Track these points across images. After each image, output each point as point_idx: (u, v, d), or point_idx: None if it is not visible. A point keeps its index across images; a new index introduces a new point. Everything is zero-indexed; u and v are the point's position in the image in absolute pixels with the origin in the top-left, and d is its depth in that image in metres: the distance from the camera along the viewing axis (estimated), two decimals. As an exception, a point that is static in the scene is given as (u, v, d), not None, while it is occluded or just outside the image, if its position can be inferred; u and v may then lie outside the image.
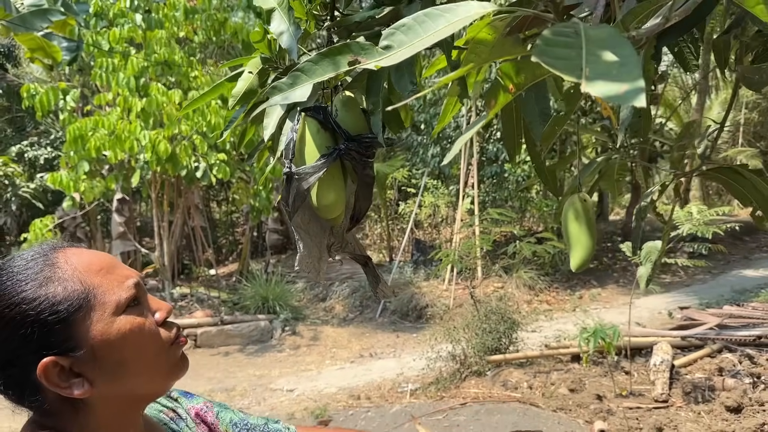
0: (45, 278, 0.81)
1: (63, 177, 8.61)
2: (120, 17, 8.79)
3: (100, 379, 0.82)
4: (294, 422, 5.33)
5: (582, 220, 1.94)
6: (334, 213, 1.53)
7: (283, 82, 0.89)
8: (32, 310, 0.79)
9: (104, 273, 0.86)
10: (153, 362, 0.87)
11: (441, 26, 0.86)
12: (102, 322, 0.82)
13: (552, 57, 0.64)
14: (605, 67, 0.62)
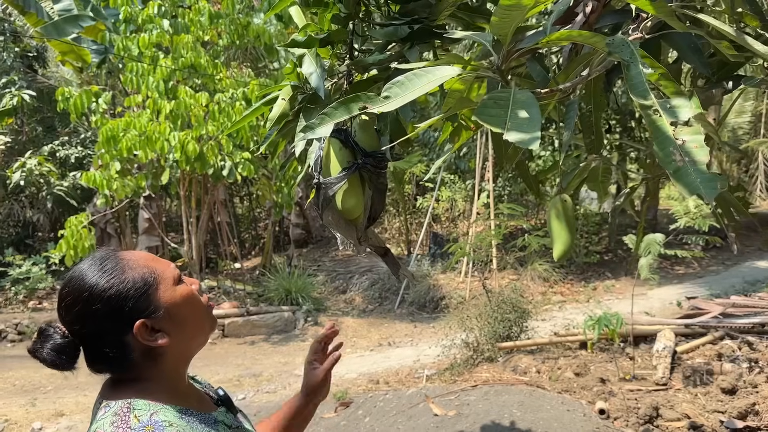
0: (122, 269, 1.14)
1: (96, 176, 9.08)
2: (148, 23, 9.22)
3: (173, 331, 1.15)
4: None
5: (562, 218, 2.32)
6: (354, 214, 1.93)
7: (313, 122, 1.26)
8: (122, 291, 1.11)
9: (156, 261, 1.19)
10: (201, 318, 1.22)
11: (424, 83, 1.22)
12: (168, 291, 1.15)
13: (486, 115, 1.00)
14: (519, 123, 0.97)
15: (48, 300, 12.22)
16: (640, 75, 0.98)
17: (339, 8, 1.98)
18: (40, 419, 6.12)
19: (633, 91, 0.97)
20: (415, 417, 4.52)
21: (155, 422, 1.04)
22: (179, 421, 1.08)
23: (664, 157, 0.90)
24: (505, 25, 1.06)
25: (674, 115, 0.93)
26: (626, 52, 1.02)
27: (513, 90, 1.05)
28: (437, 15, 1.85)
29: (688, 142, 0.90)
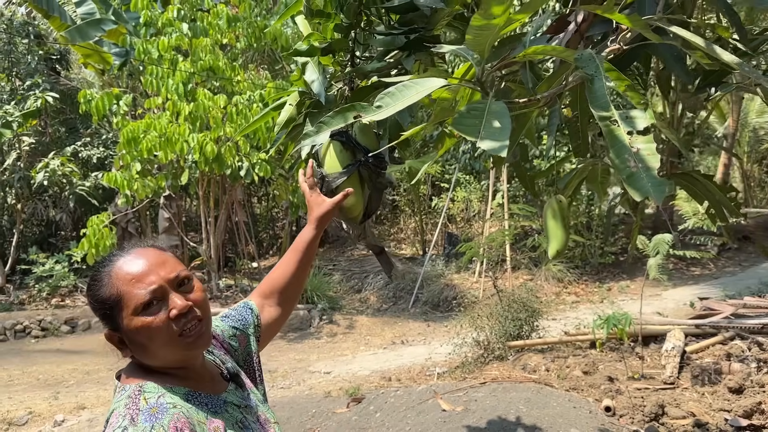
0: (103, 283, 1.24)
1: (118, 176, 9.30)
2: (168, 26, 9.43)
3: (136, 350, 1.23)
4: (330, 400, 5.86)
5: (558, 218, 2.42)
6: (354, 213, 2.04)
7: (312, 130, 1.37)
8: (95, 302, 1.25)
9: (134, 282, 1.21)
10: (164, 346, 1.21)
11: (413, 93, 1.33)
12: (126, 318, 1.20)
13: (462, 125, 1.10)
14: (492, 131, 1.07)
15: (70, 297, 12.50)
16: (602, 88, 1.08)
17: (341, 18, 2.09)
18: (62, 412, 6.32)
19: (594, 103, 1.06)
20: (424, 412, 4.62)
21: (161, 404, 1.15)
22: (184, 403, 1.19)
23: (619, 163, 0.99)
24: (479, 43, 1.16)
25: (632, 125, 1.03)
26: (591, 66, 1.12)
27: (489, 101, 1.15)
28: (434, 25, 1.96)
29: (642, 149, 0.99)
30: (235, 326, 1.53)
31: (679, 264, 12.11)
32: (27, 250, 13.91)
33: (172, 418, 1.13)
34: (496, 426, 4.05)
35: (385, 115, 1.32)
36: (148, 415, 1.13)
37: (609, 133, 1.02)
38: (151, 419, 1.12)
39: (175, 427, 1.12)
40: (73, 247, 11.91)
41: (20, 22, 14.13)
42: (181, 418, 1.14)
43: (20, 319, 10.42)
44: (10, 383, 7.67)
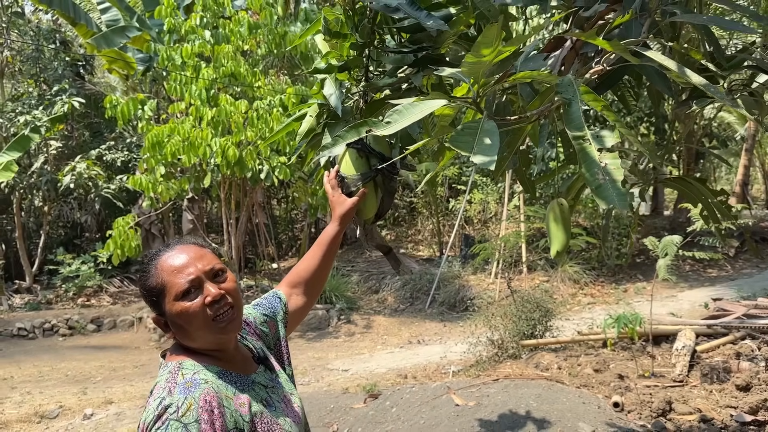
0: (150, 274, 1.43)
1: (142, 179, 9.59)
2: (191, 33, 9.70)
3: (177, 332, 1.42)
4: (347, 396, 6.06)
5: (559, 220, 2.59)
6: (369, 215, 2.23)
7: (329, 142, 1.57)
8: (144, 291, 1.46)
9: (175, 273, 1.40)
10: (200, 329, 1.39)
11: (419, 111, 1.51)
12: (169, 304, 1.39)
13: (458, 141, 1.28)
14: (484, 148, 1.26)
15: (95, 297, 12.87)
16: (578, 111, 1.25)
17: (356, 38, 2.29)
18: (91, 406, 6.59)
19: (569, 124, 1.24)
20: (438, 407, 4.80)
21: (194, 380, 1.34)
22: (215, 380, 1.37)
23: (590, 176, 1.16)
24: (474, 72, 1.34)
25: (601, 143, 1.20)
26: (569, 91, 1.29)
27: (482, 120, 1.33)
28: (440, 44, 2.15)
29: (609, 164, 1.16)
30: (265, 313, 1.72)
31: (696, 266, 12.15)
32: (53, 251, 14.32)
33: (202, 392, 1.30)
34: (506, 419, 4.21)
35: (393, 130, 1.51)
36: (183, 388, 1.31)
37: (581, 150, 1.19)
38: (185, 392, 1.30)
39: (205, 399, 1.29)
40: (98, 248, 12.27)
41: (47, 29, 14.55)
42: (211, 392, 1.31)
43: (48, 318, 10.78)
44: (41, 379, 7.98)
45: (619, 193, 1.14)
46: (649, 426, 4.31)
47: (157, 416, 1.27)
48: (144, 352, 9.37)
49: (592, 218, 12.48)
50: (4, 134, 13.30)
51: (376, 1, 2.08)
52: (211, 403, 1.29)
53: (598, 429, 4.05)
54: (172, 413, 1.26)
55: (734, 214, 11.14)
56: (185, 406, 1.27)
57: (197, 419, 1.26)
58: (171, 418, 1.26)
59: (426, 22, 2.01)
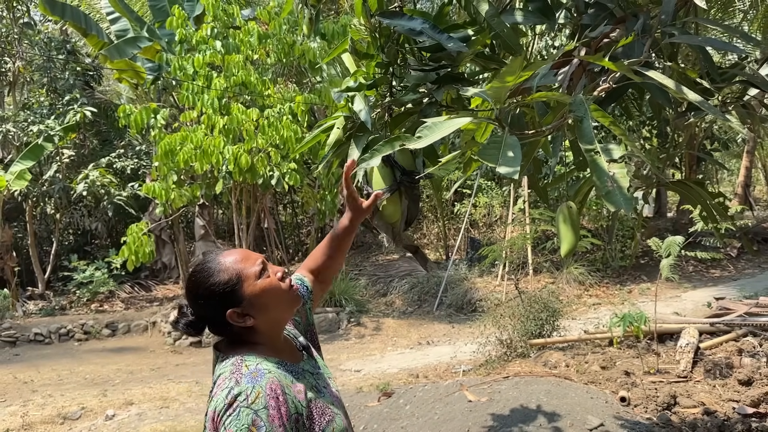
0: (217, 271, 1.54)
1: (156, 186, 9.81)
2: (202, 43, 9.93)
3: (258, 314, 1.53)
4: (361, 395, 6.25)
5: (568, 222, 2.79)
6: (393, 219, 2.45)
7: (366, 156, 1.77)
8: (217, 288, 1.52)
9: (244, 260, 1.55)
10: (281, 301, 1.56)
11: (446, 127, 1.72)
12: (250, 286, 1.52)
13: (485, 154, 1.48)
14: (507, 160, 1.46)
15: (108, 302, 13.09)
16: (589, 127, 1.45)
17: (381, 57, 2.50)
18: (112, 407, 6.79)
19: (582, 139, 1.44)
20: (451, 403, 4.99)
21: (259, 369, 1.47)
22: (276, 370, 1.51)
23: (600, 184, 1.36)
24: (497, 94, 1.55)
25: (609, 155, 1.40)
26: (581, 109, 1.49)
27: (505, 135, 1.53)
28: (459, 62, 2.35)
29: (617, 173, 1.36)
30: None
31: (699, 266, 12.32)
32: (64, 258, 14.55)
33: (268, 381, 1.43)
34: (518, 413, 4.40)
35: (424, 144, 1.72)
36: (250, 378, 1.42)
37: (592, 161, 1.39)
38: (252, 381, 1.42)
39: (270, 387, 1.41)
40: (112, 254, 12.49)
41: (58, 39, 14.81)
42: (275, 381, 1.44)
43: (64, 323, 11.00)
44: (60, 382, 8.19)
45: (626, 197, 1.34)
46: (655, 419, 4.49)
47: (228, 404, 1.39)
48: (159, 356, 9.57)
49: (597, 221, 12.67)
50: (17, 143, 13.54)
51: (401, 25, 2.29)
52: (276, 390, 1.42)
53: (606, 422, 4.24)
54: (242, 401, 1.38)
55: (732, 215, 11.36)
56: (254, 394, 1.39)
57: (266, 405, 1.38)
58: (241, 405, 1.38)
59: (447, 44, 2.22)
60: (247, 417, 1.37)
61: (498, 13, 2.26)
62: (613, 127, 1.55)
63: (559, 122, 1.75)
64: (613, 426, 4.22)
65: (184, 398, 7.01)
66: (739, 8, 12.32)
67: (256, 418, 1.37)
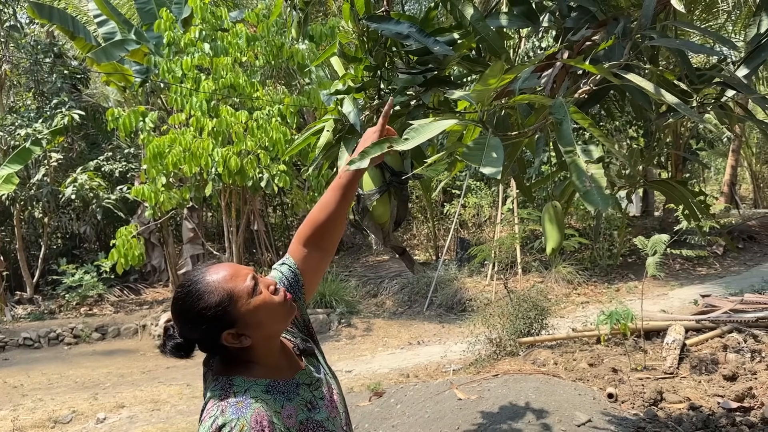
0: (206, 293, 1.44)
1: (145, 189, 9.80)
2: (190, 46, 9.93)
3: (254, 332, 1.46)
4: (353, 395, 6.29)
5: (554, 221, 2.86)
6: (382, 220, 2.50)
7: (356, 158, 1.81)
8: (208, 312, 1.43)
9: (233, 278, 1.46)
10: (276, 314, 1.49)
11: (433, 129, 1.76)
12: (243, 305, 1.44)
13: (468, 156, 1.53)
14: (490, 160, 1.51)
15: (97, 306, 13.05)
16: (568, 129, 1.50)
17: (369, 60, 2.55)
18: (103, 410, 6.79)
19: (561, 140, 1.49)
20: (441, 402, 5.04)
21: (245, 400, 1.40)
22: (264, 396, 1.44)
23: (579, 184, 1.41)
24: (481, 97, 1.60)
25: (588, 155, 1.45)
26: (561, 112, 1.54)
27: (488, 137, 1.58)
28: (445, 65, 2.41)
29: (595, 174, 1.41)
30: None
31: (686, 264, 12.46)
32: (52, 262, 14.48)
33: (253, 413, 1.37)
34: (507, 411, 4.46)
35: (411, 146, 1.76)
36: (235, 409, 1.37)
37: (572, 162, 1.44)
38: (237, 412, 1.36)
39: (256, 420, 1.36)
40: (101, 258, 12.46)
41: (45, 42, 14.75)
42: (261, 412, 1.38)
43: (53, 327, 10.96)
44: (50, 386, 8.17)
45: (603, 197, 1.39)
46: (642, 414, 4.56)
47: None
48: (150, 359, 9.56)
49: (584, 220, 12.79)
50: (4, 147, 13.47)
51: (388, 29, 2.34)
52: (262, 422, 1.37)
53: (594, 417, 4.31)
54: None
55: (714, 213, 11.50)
56: (238, 426, 1.34)
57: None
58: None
59: (433, 48, 2.27)
60: None
61: (483, 17, 2.31)
62: (591, 129, 1.60)
63: (541, 123, 1.80)
64: (601, 422, 4.29)
65: (175, 401, 7.02)
66: (722, 9, 12.48)
67: None
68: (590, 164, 1.43)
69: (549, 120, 1.79)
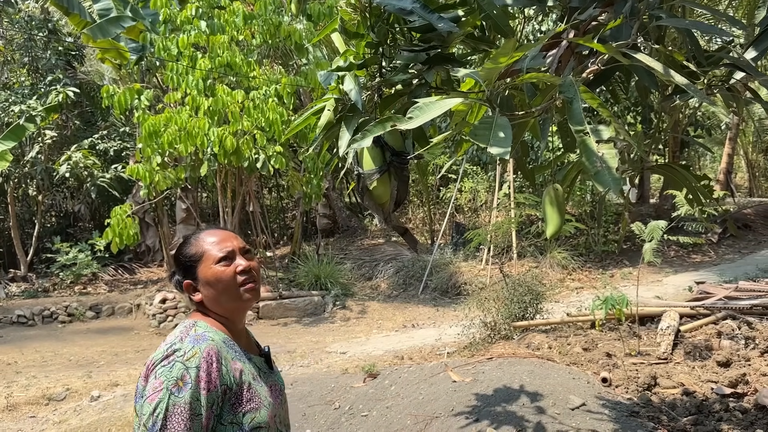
0: (190, 244, 1.70)
1: (140, 168, 9.73)
2: (186, 24, 9.81)
3: (206, 293, 1.63)
4: (347, 376, 6.30)
5: (555, 204, 2.82)
6: (383, 199, 2.46)
7: (358, 137, 1.78)
8: (183, 258, 1.69)
9: (215, 244, 1.66)
10: (227, 292, 1.62)
11: (438, 108, 1.73)
12: (206, 267, 1.63)
13: (477, 135, 1.50)
14: (498, 140, 1.47)
15: (91, 285, 13.01)
16: (579, 108, 1.47)
17: (371, 37, 2.50)
18: (97, 388, 6.78)
19: (571, 119, 1.46)
20: (436, 384, 5.05)
21: (203, 335, 1.55)
22: (221, 343, 1.57)
23: (589, 164, 1.39)
24: (489, 75, 1.56)
25: (598, 135, 1.42)
26: (571, 91, 1.51)
27: (496, 116, 1.55)
28: (449, 43, 2.36)
29: (605, 154, 1.39)
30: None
31: (681, 252, 12.49)
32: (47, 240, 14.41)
33: (208, 346, 1.51)
34: (501, 393, 4.47)
35: (416, 125, 1.73)
36: (193, 339, 1.52)
37: (582, 142, 1.41)
38: (194, 342, 1.51)
39: (208, 352, 1.50)
40: (95, 236, 12.40)
41: (39, 18, 14.54)
42: (214, 348, 1.52)
43: (47, 305, 10.93)
44: (44, 364, 8.16)
45: (614, 178, 1.36)
46: (636, 399, 4.58)
47: (165, 356, 1.50)
48: (144, 338, 9.55)
49: (580, 206, 12.79)
50: (-2, 124, 13.33)
51: (391, 4, 2.29)
52: (212, 356, 1.50)
53: (588, 401, 4.32)
54: (179, 356, 1.48)
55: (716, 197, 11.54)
56: (191, 353, 1.48)
57: (198, 366, 1.47)
58: (177, 359, 1.47)
59: (438, 24, 2.22)
60: (178, 371, 1.46)
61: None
62: (601, 109, 1.57)
63: (548, 103, 1.77)
64: (595, 406, 4.30)
65: (170, 380, 7.01)
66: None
67: (185, 374, 1.45)
68: (601, 144, 1.40)
69: (556, 100, 1.76)
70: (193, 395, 1.44)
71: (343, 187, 17.80)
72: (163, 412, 1.42)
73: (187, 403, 1.43)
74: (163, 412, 1.42)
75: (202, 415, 1.45)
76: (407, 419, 4.60)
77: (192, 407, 1.44)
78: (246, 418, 1.53)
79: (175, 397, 1.43)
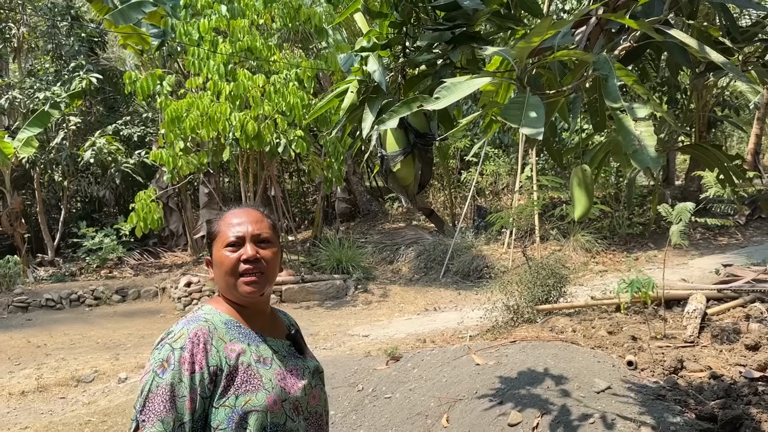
0: (215, 221, 1.66)
1: (163, 153, 9.81)
2: (207, 8, 9.81)
3: (215, 274, 1.61)
4: (370, 359, 6.32)
5: (582, 185, 2.77)
6: (407, 181, 2.44)
7: (385, 117, 1.75)
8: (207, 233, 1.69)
9: (231, 225, 1.60)
10: (226, 276, 1.57)
11: (465, 88, 1.69)
12: (217, 248, 1.59)
13: (508, 114, 1.47)
14: (530, 120, 1.44)
15: (117, 269, 13.20)
16: (614, 86, 1.43)
17: (395, 16, 2.46)
18: (124, 370, 6.90)
19: (607, 97, 1.42)
20: (459, 367, 5.05)
21: (198, 317, 1.54)
22: (220, 324, 1.54)
23: (626, 143, 1.35)
24: (521, 54, 1.52)
25: (635, 114, 1.38)
26: (606, 68, 1.47)
27: (527, 95, 1.52)
28: (475, 21, 2.32)
29: (643, 132, 1.35)
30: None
31: (707, 234, 12.30)
32: (73, 225, 14.63)
33: (197, 327, 1.49)
34: (525, 376, 4.45)
35: (443, 105, 1.69)
36: (186, 321, 1.52)
37: (618, 120, 1.37)
38: (185, 324, 1.51)
39: (196, 333, 1.47)
40: (120, 221, 12.56)
41: (62, 5, 14.65)
42: (204, 329, 1.49)
43: (75, 289, 11.12)
44: (73, 346, 8.32)
45: (653, 156, 1.33)
46: (662, 382, 4.53)
47: (160, 338, 1.51)
48: (170, 321, 9.68)
49: (605, 188, 12.63)
50: (23, 110, 13.51)
51: (416, -19, 2.25)
52: (200, 338, 1.47)
53: (613, 384, 4.28)
54: (169, 338, 1.48)
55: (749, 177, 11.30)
56: (179, 334, 1.47)
57: (182, 346, 1.44)
58: (167, 341, 1.47)
59: (463, 2, 2.18)
60: (165, 352, 1.45)
61: (515, -29, 2.22)
62: (636, 87, 1.53)
63: (579, 82, 1.73)
64: (621, 389, 4.27)
65: (195, 362, 7.10)
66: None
67: (170, 355, 1.44)
68: (639, 122, 1.36)
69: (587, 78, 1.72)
70: (174, 376, 1.41)
71: (364, 171, 17.78)
72: (146, 393, 1.41)
73: (168, 384, 1.40)
74: (146, 393, 1.41)
75: (185, 396, 1.41)
76: (431, 401, 4.60)
77: (173, 388, 1.41)
78: (239, 401, 1.46)
79: (159, 378, 1.41)
